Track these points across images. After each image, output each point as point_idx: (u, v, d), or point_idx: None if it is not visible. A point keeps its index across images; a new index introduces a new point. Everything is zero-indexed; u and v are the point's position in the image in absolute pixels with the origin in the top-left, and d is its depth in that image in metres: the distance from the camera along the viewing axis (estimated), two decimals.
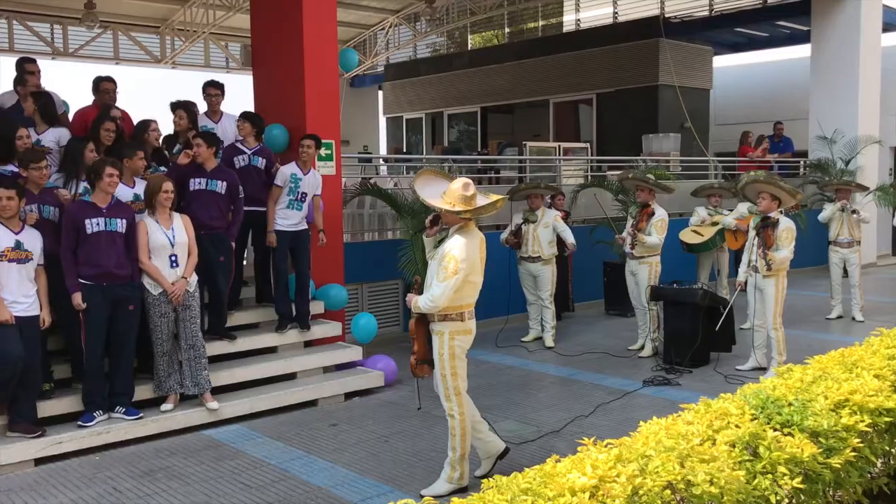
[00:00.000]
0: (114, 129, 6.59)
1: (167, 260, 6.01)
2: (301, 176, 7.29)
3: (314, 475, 5.28)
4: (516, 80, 18.60)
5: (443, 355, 4.84)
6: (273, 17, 8.10)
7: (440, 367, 4.86)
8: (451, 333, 4.82)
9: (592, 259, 10.80)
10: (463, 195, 4.71)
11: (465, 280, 4.73)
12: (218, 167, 6.84)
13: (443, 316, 4.81)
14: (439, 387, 4.92)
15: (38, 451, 5.50)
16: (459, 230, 4.81)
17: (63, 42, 18.47)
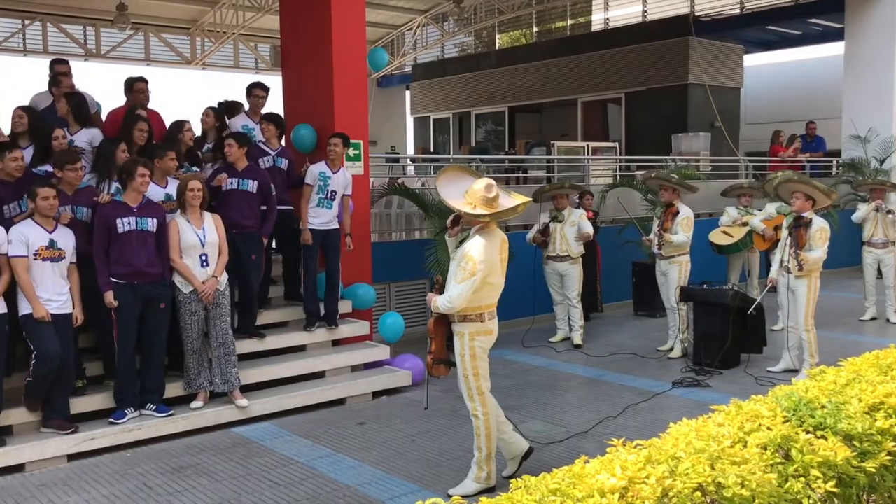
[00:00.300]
0: (146, 129, 6.67)
1: (198, 259, 6.06)
2: (330, 174, 7.32)
3: (342, 473, 5.30)
4: (544, 79, 18.55)
5: (464, 356, 4.83)
6: (302, 18, 8.15)
7: (462, 368, 4.85)
8: (472, 334, 4.81)
9: (621, 259, 10.73)
10: (485, 197, 4.68)
11: (485, 281, 4.71)
12: (249, 167, 6.89)
13: (463, 317, 4.80)
14: (462, 387, 4.91)
15: (70, 447, 5.58)
16: (480, 230, 4.78)
17: (96, 44, 18.73)
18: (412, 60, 23.00)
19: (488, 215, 4.69)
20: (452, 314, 4.82)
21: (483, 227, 4.79)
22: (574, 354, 8.67)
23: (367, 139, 8.27)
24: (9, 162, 5.68)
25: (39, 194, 5.39)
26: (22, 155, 5.79)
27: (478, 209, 4.68)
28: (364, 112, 8.22)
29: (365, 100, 8.26)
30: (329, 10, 7.71)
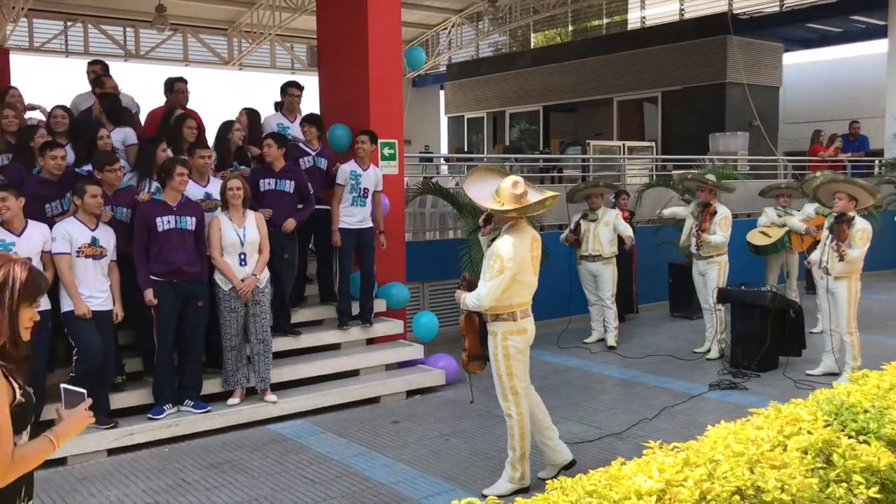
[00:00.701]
0: (196, 126, 6.76)
1: (237, 257, 6.13)
2: (361, 172, 7.35)
3: (376, 471, 5.33)
4: (579, 78, 18.45)
5: (497, 355, 4.81)
6: (338, 19, 8.20)
7: (495, 368, 4.84)
8: (504, 333, 4.78)
9: (657, 260, 10.64)
10: (513, 193, 4.66)
11: (515, 279, 4.68)
12: (286, 167, 6.95)
13: (495, 316, 4.78)
14: (496, 387, 4.89)
15: (110, 441, 5.68)
16: (510, 229, 4.76)
17: (135, 44, 19.02)
18: (447, 60, 23.02)
19: (515, 210, 4.66)
20: (485, 313, 4.81)
21: (513, 224, 4.76)
22: (609, 356, 8.61)
23: (402, 139, 8.30)
24: (49, 160, 5.79)
25: (88, 192, 5.50)
26: (63, 154, 5.90)
27: (506, 206, 4.66)
28: (399, 112, 8.25)
29: (400, 100, 8.29)
30: (365, 10, 7.75)
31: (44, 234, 5.44)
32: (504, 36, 22.81)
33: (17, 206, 5.22)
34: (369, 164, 7.44)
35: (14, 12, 15.43)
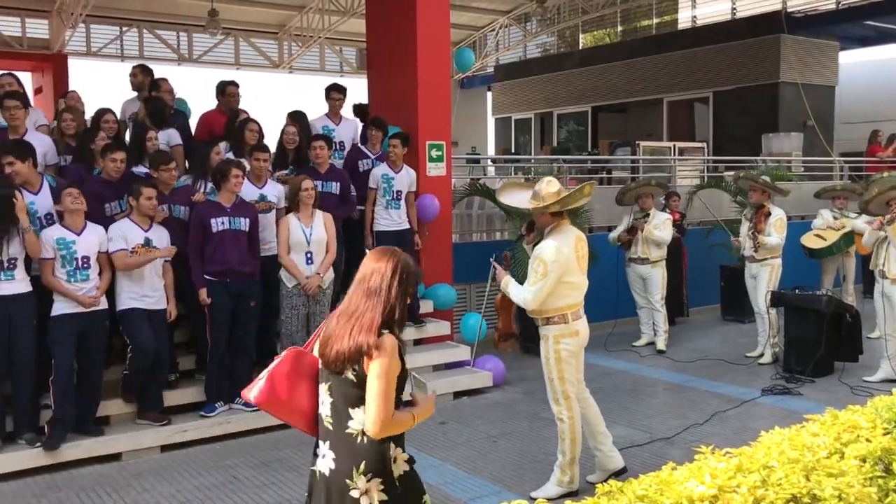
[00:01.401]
0: (257, 129, 6.88)
1: (303, 256, 6.21)
2: (392, 175, 7.39)
3: (424, 472, 5.26)
4: (629, 78, 18.27)
5: (549, 359, 4.78)
6: (387, 22, 8.25)
7: (546, 371, 4.81)
8: (556, 337, 4.74)
9: (708, 262, 10.48)
10: (548, 192, 4.63)
11: (561, 281, 4.63)
12: (330, 168, 7.02)
13: (545, 319, 4.74)
14: (547, 390, 4.87)
15: (164, 438, 5.79)
16: (552, 231, 4.71)
17: (188, 49, 19.37)
18: (494, 61, 23.00)
19: (556, 203, 4.60)
20: (536, 317, 4.79)
21: (555, 227, 4.71)
22: (658, 359, 8.51)
23: (450, 140, 8.31)
24: (109, 163, 5.94)
25: (143, 194, 5.62)
26: (122, 157, 6.04)
27: (544, 203, 4.62)
28: (447, 114, 8.27)
29: (448, 102, 8.32)
30: (414, 13, 7.79)
31: (100, 235, 5.58)
32: (552, 37, 22.69)
33: (26, 170, 5.38)
34: (402, 167, 7.47)
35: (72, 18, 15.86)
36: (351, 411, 2.81)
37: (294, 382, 2.93)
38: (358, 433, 2.81)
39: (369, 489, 2.81)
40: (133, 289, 5.65)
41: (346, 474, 2.80)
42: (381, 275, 2.82)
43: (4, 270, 5.19)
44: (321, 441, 2.91)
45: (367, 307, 2.79)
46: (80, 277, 5.43)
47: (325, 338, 2.85)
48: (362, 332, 2.75)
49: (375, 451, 2.80)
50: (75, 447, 5.46)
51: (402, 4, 7.95)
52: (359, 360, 2.76)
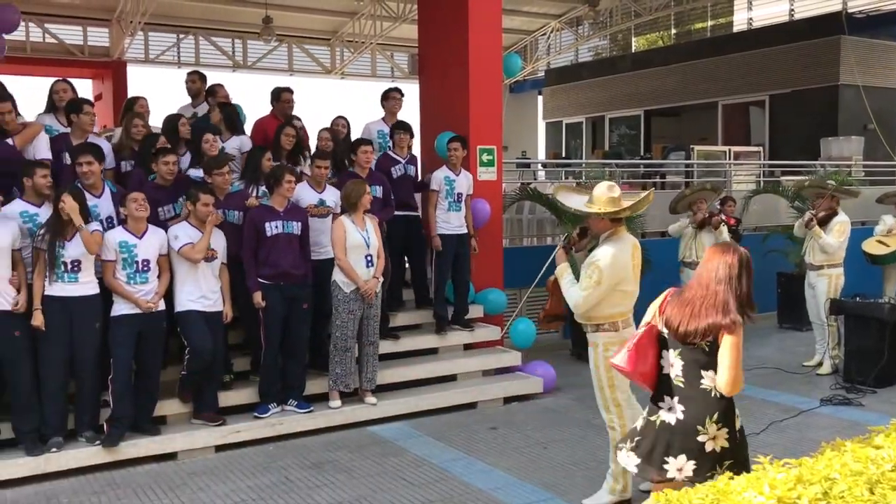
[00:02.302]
0: (293, 134, 6.97)
1: (363, 259, 6.24)
2: (454, 177, 7.40)
3: (474, 477, 5.33)
4: (683, 82, 18.04)
5: (598, 367, 4.72)
6: (439, 27, 8.28)
7: (596, 379, 4.75)
8: (606, 344, 4.67)
9: (765, 269, 10.21)
10: (610, 196, 4.54)
11: (615, 289, 4.57)
12: (372, 173, 7.05)
13: (595, 326, 4.69)
14: (598, 398, 4.81)
15: (218, 438, 5.88)
16: (608, 238, 4.63)
17: (243, 55, 19.72)
18: (545, 65, 22.91)
19: (623, 210, 4.55)
20: (585, 324, 4.74)
21: (612, 233, 4.63)
22: None
23: (501, 145, 8.30)
24: (162, 166, 6.07)
25: (201, 199, 5.73)
26: (175, 160, 6.17)
27: (604, 209, 4.55)
28: (498, 118, 8.26)
29: (499, 106, 8.32)
30: (466, 18, 7.81)
31: (160, 238, 5.71)
32: (604, 40, 22.52)
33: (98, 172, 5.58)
34: (461, 170, 7.48)
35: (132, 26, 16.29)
36: (702, 373, 3.49)
37: (647, 351, 3.61)
38: (711, 389, 3.48)
39: (717, 436, 3.47)
40: (191, 291, 5.76)
41: (698, 422, 3.46)
42: (727, 265, 3.46)
43: (67, 272, 5.34)
44: (667, 396, 3.56)
45: (718, 292, 3.43)
46: (139, 280, 5.56)
47: (673, 316, 3.49)
48: (718, 312, 3.40)
49: (726, 406, 3.50)
50: (133, 446, 5.58)
51: (454, 10, 7.97)
52: (714, 335, 3.41)
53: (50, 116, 6.46)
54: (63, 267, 5.31)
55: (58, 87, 6.62)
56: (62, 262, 5.29)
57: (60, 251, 5.27)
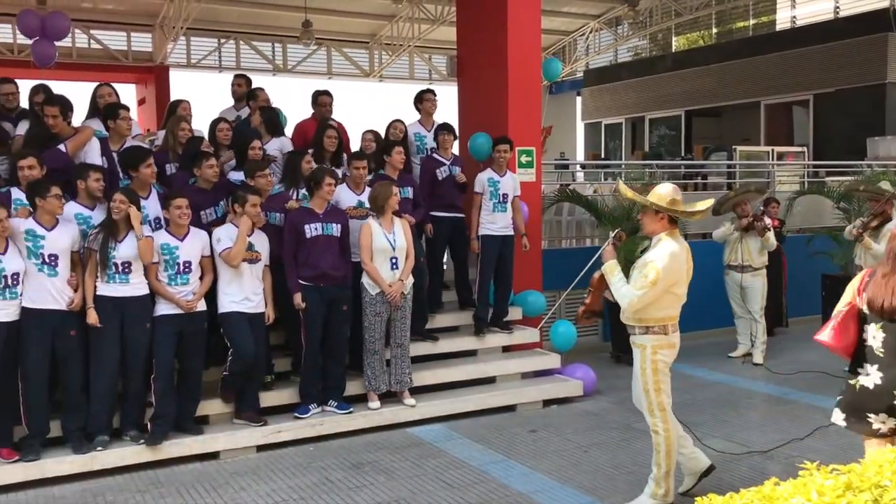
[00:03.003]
0: (335, 136, 7.02)
1: (388, 262, 6.27)
2: (498, 178, 7.39)
3: (514, 480, 5.31)
4: (724, 81, 17.81)
5: (645, 370, 4.67)
6: (478, 28, 8.28)
7: (643, 383, 4.71)
8: (654, 347, 4.64)
9: (810, 271, 10.07)
10: (674, 198, 4.54)
11: (669, 291, 4.54)
12: (402, 175, 7.06)
13: (645, 329, 4.64)
14: (642, 402, 4.77)
15: (260, 438, 5.94)
16: (664, 239, 4.59)
17: (283, 59, 19.91)
18: (584, 66, 22.78)
19: (700, 212, 4.65)
20: (633, 326, 4.69)
21: (668, 234, 4.61)
22: (756, 371, 8.23)
23: (540, 146, 8.27)
24: (206, 170, 6.15)
25: (249, 200, 5.80)
26: (217, 163, 6.24)
27: (678, 208, 4.56)
28: (537, 120, 8.24)
29: (538, 107, 8.28)
30: (505, 20, 7.80)
31: (202, 240, 5.79)
32: (644, 40, 22.32)
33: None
34: (506, 171, 7.47)
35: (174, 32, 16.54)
36: None
37: (848, 326, 3.99)
38: None
39: None
40: (234, 292, 5.83)
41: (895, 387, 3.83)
42: None
43: (119, 273, 5.44)
44: (866, 364, 3.92)
45: None
46: (180, 281, 5.64)
47: (875, 296, 3.85)
48: None
49: None
50: (176, 445, 5.66)
51: (493, 11, 7.96)
52: None
53: (95, 121, 6.58)
54: (114, 268, 5.41)
55: (101, 92, 6.75)
56: (113, 262, 5.39)
57: (112, 252, 5.38)
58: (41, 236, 5.27)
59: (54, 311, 5.30)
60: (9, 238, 5.19)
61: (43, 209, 5.28)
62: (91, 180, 5.57)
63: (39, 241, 5.26)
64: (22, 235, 5.24)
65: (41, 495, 5.17)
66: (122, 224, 5.42)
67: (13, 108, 6.81)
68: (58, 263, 5.31)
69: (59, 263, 5.32)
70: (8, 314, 5.17)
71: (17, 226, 5.23)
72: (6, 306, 5.16)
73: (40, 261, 5.26)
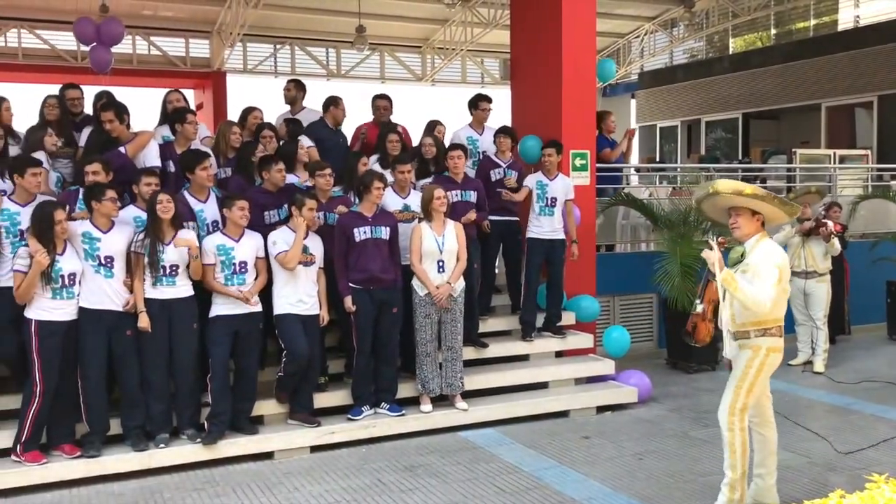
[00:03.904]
0: (398, 140, 7.05)
1: (435, 265, 6.28)
2: (547, 182, 7.32)
3: (567, 486, 5.25)
4: (783, 83, 17.43)
5: (750, 370, 4.53)
6: (533, 31, 8.24)
7: (741, 377, 4.55)
8: (769, 349, 4.53)
9: (874, 277, 9.77)
10: (780, 198, 4.54)
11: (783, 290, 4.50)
12: (467, 177, 7.04)
13: (762, 331, 4.53)
14: (726, 399, 4.61)
15: (313, 439, 5.98)
16: (762, 240, 4.53)
17: (336, 64, 20.11)
18: (638, 68, 22.52)
19: (791, 207, 4.53)
20: (746, 328, 4.54)
21: (763, 236, 4.57)
22: (817, 379, 8.01)
23: (595, 149, 8.19)
24: (275, 174, 6.23)
25: (307, 204, 5.86)
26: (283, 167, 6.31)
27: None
28: (592, 122, 8.17)
29: (593, 110, 8.21)
30: (560, 22, 7.75)
31: (257, 241, 5.86)
32: (700, 42, 21.97)
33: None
34: (557, 174, 7.40)
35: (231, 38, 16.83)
36: None
37: None
38: None
39: None
40: (289, 294, 5.88)
41: None
42: None
43: (166, 276, 5.54)
44: None
45: None
46: (236, 282, 5.71)
47: None
48: None
49: None
50: (232, 444, 5.74)
51: (548, 13, 7.92)
52: None
53: (165, 127, 6.72)
54: (162, 270, 5.51)
55: (171, 98, 6.93)
56: (161, 265, 5.49)
57: (160, 255, 5.47)
58: (97, 238, 5.39)
59: (110, 312, 5.42)
60: (67, 240, 5.32)
61: (98, 212, 5.40)
62: (142, 185, 5.69)
63: (95, 244, 5.39)
64: (79, 237, 5.37)
65: (102, 491, 5.28)
66: (167, 226, 5.51)
67: (78, 114, 7.02)
68: (113, 265, 5.43)
69: (115, 265, 5.44)
70: (66, 313, 5.30)
71: (74, 228, 5.37)
72: (64, 306, 5.29)
73: (97, 262, 5.38)
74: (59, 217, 5.17)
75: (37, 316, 5.22)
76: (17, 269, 5.15)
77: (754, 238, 4.53)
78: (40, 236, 5.16)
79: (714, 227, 8.52)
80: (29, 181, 5.40)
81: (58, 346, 5.25)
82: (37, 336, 5.20)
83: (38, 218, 5.19)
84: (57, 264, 5.21)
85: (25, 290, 5.15)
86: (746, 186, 4.53)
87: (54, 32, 16.54)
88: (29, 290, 5.16)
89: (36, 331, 5.20)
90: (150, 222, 5.50)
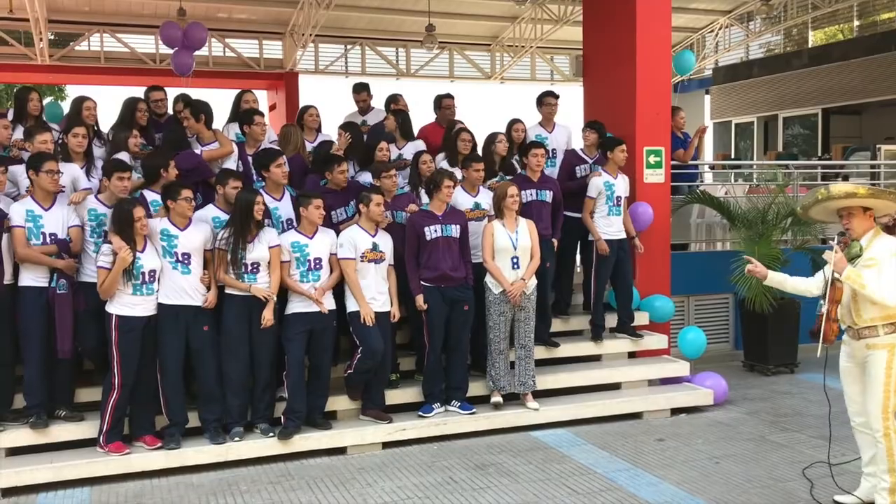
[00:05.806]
0: (470, 139, 7.05)
1: (509, 261, 6.25)
2: (613, 181, 7.22)
3: (642, 489, 5.16)
4: (866, 77, 16.79)
5: (891, 369, 4.44)
6: (606, 27, 8.14)
7: (884, 384, 4.46)
8: None
9: None
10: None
11: None
12: (543, 177, 6.97)
13: (892, 326, 4.45)
14: (875, 405, 4.51)
15: (385, 435, 6.03)
16: (880, 234, 4.54)
17: (406, 63, 20.20)
18: (713, 63, 22.01)
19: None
20: (875, 327, 4.46)
21: (877, 232, 4.56)
22: None
23: (669, 146, 8.03)
24: (337, 175, 6.30)
25: (373, 200, 5.91)
26: (347, 168, 6.38)
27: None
28: (666, 119, 8.02)
29: (668, 107, 8.07)
30: (634, 17, 7.65)
31: (331, 238, 5.94)
32: (777, 35, 21.35)
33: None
34: (618, 173, 7.29)
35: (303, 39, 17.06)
36: None
37: None
38: None
39: None
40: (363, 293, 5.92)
41: None
42: None
43: (247, 273, 5.65)
44: None
45: None
46: (311, 278, 5.80)
47: None
48: None
49: None
50: (306, 439, 5.82)
51: (621, 8, 7.80)
52: None
53: (234, 125, 6.87)
54: (244, 268, 5.62)
55: (246, 98, 7.09)
56: (243, 263, 5.60)
57: (242, 253, 5.58)
58: (174, 236, 5.53)
59: (188, 307, 5.56)
60: (147, 237, 5.47)
61: (174, 211, 5.54)
62: (229, 187, 5.81)
63: (173, 241, 5.53)
64: (158, 235, 5.52)
65: (181, 482, 5.42)
66: (255, 225, 5.61)
67: (161, 114, 7.24)
68: (191, 262, 5.56)
69: (192, 262, 5.57)
70: (146, 308, 5.46)
71: (153, 226, 5.52)
72: (144, 301, 5.44)
73: (174, 259, 5.52)
74: (138, 214, 5.32)
75: (118, 311, 5.39)
76: (101, 266, 5.32)
77: (870, 233, 4.52)
78: (121, 234, 5.32)
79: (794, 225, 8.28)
80: (115, 185, 5.58)
81: (137, 340, 5.41)
82: (117, 331, 5.37)
83: (118, 216, 5.36)
84: (138, 261, 5.36)
85: (109, 285, 5.31)
86: (860, 188, 4.57)
87: (134, 36, 17.05)
88: (112, 286, 5.32)
89: (116, 325, 5.37)
90: (239, 221, 5.61)
